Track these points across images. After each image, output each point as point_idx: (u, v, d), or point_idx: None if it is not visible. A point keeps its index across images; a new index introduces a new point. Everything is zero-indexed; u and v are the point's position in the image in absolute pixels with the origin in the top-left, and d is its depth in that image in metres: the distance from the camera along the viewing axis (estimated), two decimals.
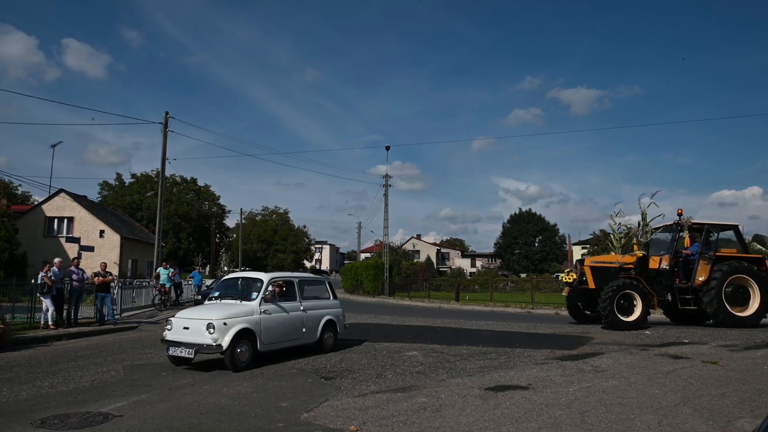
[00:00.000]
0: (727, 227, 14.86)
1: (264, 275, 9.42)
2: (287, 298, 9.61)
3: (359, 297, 35.19)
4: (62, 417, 5.62)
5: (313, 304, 10.04)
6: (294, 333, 9.39)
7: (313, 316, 9.84)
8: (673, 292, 13.76)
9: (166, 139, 25.91)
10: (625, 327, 12.70)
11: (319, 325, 9.95)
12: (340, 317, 10.66)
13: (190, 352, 8.11)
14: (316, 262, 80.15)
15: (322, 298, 10.62)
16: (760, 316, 13.31)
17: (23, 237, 31.06)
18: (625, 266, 13.69)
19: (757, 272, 13.38)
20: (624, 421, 5.24)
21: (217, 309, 8.56)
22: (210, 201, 57.97)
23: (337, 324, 10.50)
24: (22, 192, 53.02)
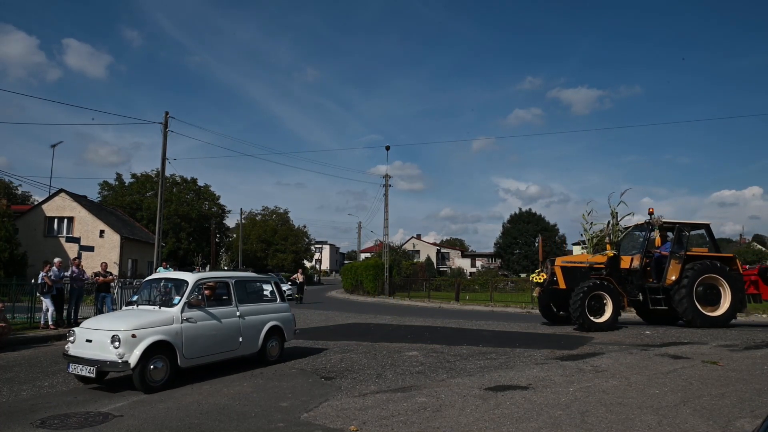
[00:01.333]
0: (699, 226, 14.82)
1: (190, 276, 8.15)
2: (221, 302, 8.34)
3: (359, 297, 35.19)
4: (62, 417, 5.63)
5: (254, 309, 8.78)
6: (227, 343, 8.08)
7: (253, 322, 8.58)
8: (645, 292, 13.65)
9: (166, 139, 25.90)
10: (596, 328, 12.55)
11: (261, 332, 8.69)
12: (288, 322, 9.43)
13: (91, 371, 6.77)
14: (316, 262, 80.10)
15: (266, 301, 9.40)
16: (731, 316, 13.24)
17: (23, 237, 31.05)
18: (596, 266, 13.58)
19: (728, 272, 13.30)
20: (624, 421, 5.24)
21: (127, 318, 7.27)
22: (210, 201, 57.92)
23: (284, 330, 9.25)
24: (22, 192, 53.02)
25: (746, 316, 18.04)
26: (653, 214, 13.90)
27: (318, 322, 16.77)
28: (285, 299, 9.75)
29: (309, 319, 17.77)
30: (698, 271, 13.11)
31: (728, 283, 13.16)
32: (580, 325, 12.73)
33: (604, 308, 12.88)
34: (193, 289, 7.79)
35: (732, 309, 13.18)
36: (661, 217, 13.85)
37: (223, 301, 8.41)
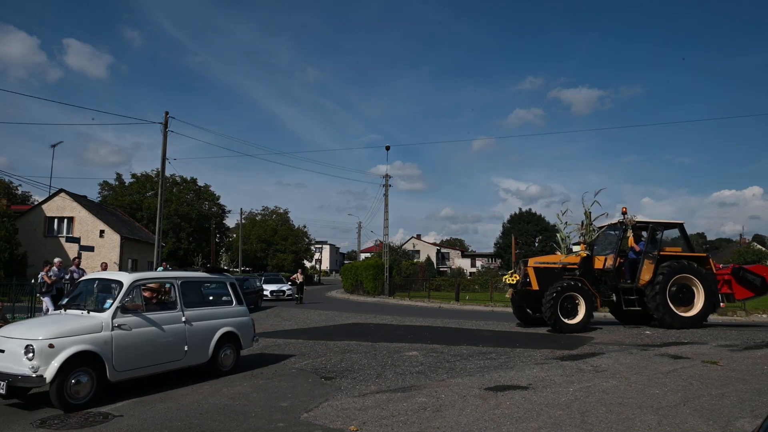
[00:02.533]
0: (672, 225, 14.70)
1: (125, 276, 7.12)
2: (164, 306, 7.53)
3: (359, 297, 35.18)
4: (62, 417, 5.63)
5: (204, 313, 7.88)
6: (169, 353, 7.18)
7: (202, 328, 7.65)
8: (618, 293, 13.45)
9: (166, 139, 25.91)
10: (569, 330, 12.36)
11: (212, 340, 7.78)
12: (245, 328, 8.48)
13: (1, 386, 5.84)
14: (316, 262, 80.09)
15: (220, 304, 8.53)
16: (705, 316, 13.11)
17: (23, 237, 31.04)
18: (569, 267, 13.40)
19: (702, 272, 13.16)
20: (624, 421, 5.24)
21: (48, 324, 6.40)
22: (210, 201, 57.93)
23: (241, 337, 8.31)
24: (22, 192, 53.01)
25: (746, 316, 18.06)
26: (626, 214, 13.74)
27: (318, 322, 16.77)
28: (243, 302, 8.73)
29: (309, 319, 17.77)
30: (672, 271, 12.94)
31: (702, 283, 13.01)
32: (553, 327, 12.54)
33: (577, 309, 12.69)
34: (128, 291, 6.86)
35: (705, 309, 13.04)
36: (635, 217, 13.67)
37: (166, 304, 7.58)
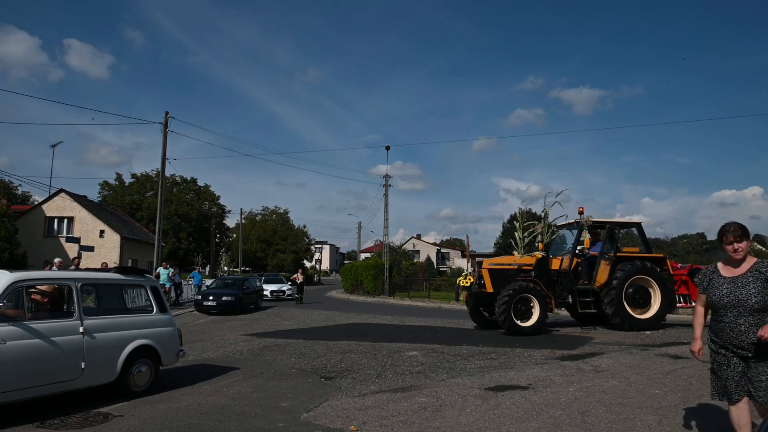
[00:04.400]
0: (630, 225, 14.52)
1: (3, 275, 5.76)
2: (56, 313, 6.28)
3: (359, 297, 35.18)
4: (62, 417, 5.62)
5: (112, 323, 6.57)
6: (60, 371, 5.83)
7: (107, 341, 6.36)
8: (574, 294, 13.12)
9: (166, 139, 25.90)
10: (523, 332, 12.08)
11: (121, 355, 6.48)
12: (166, 340, 7.16)
13: None
14: (316, 262, 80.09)
15: (136, 312, 7.27)
16: (661, 317, 12.92)
17: (23, 237, 31.03)
18: (524, 268, 13.03)
19: (658, 272, 12.96)
20: (624, 421, 5.24)
21: None
22: (210, 201, 57.95)
23: (160, 351, 6.99)
24: (22, 192, 53.00)
25: None
26: (582, 214, 13.42)
27: (318, 322, 16.77)
28: (166, 309, 7.46)
29: (309, 319, 17.78)
30: (628, 273, 12.71)
31: (658, 284, 12.80)
32: (506, 330, 12.25)
33: (531, 311, 12.37)
34: (5, 294, 5.58)
35: (662, 310, 12.84)
36: (591, 217, 13.35)
37: (59, 312, 6.33)
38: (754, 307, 3.55)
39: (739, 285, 3.64)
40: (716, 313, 3.73)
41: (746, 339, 3.57)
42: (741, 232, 3.66)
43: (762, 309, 3.56)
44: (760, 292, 3.56)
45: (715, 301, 3.72)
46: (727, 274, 3.75)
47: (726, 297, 3.65)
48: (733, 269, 3.74)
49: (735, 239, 3.66)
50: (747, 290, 3.59)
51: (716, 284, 3.76)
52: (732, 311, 3.62)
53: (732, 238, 3.67)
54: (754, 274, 3.63)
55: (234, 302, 19.90)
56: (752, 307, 3.56)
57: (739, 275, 3.68)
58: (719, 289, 3.71)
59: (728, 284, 3.69)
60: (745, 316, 3.58)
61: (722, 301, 3.67)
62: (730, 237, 3.67)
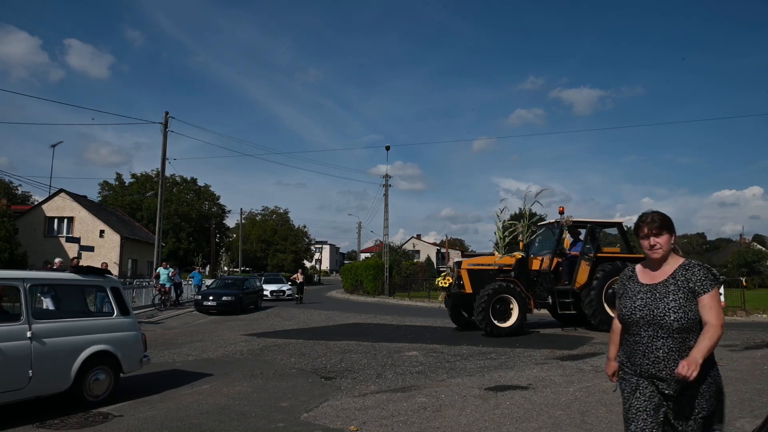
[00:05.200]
0: (610, 225, 14.42)
1: None
2: (1, 316, 5.82)
3: (359, 297, 35.17)
4: (62, 417, 5.63)
5: (65, 327, 6.08)
6: (2, 380, 5.34)
7: (59, 347, 5.87)
8: (554, 295, 13.01)
9: (166, 139, 25.92)
10: (502, 333, 11.95)
11: (75, 362, 5.97)
12: (129, 345, 6.69)
13: None
14: (316, 262, 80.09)
15: (95, 315, 6.82)
16: None
17: (23, 237, 31.05)
18: (504, 268, 12.89)
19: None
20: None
21: None
22: (210, 201, 57.95)
23: (121, 358, 6.49)
24: (22, 192, 53.03)
25: (746, 317, 18.05)
26: (563, 213, 13.32)
27: (318, 322, 16.77)
28: (129, 312, 6.93)
29: (309, 319, 17.78)
30: (608, 273, 12.57)
31: None
32: (485, 331, 12.09)
33: (510, 312, 12.25)
34: None
35: None
36: (571, 217, 13.27)
37: (4, 315, 5.89)
38: (673, 326, 2.57)
39: (657, 296, 2.67)
40: (628, 329, 2.78)
41: (665, 368, 2.60)
42: (660, 223, 2.71)
43: (685, 329, 2.58)
44: (682, 306, 2.58)
45: (625, 315, 2.75)
46: (645, 280, 2.79)
47: (639, 311, 2.69)
48: (653, 273, 2.78)
49: (651, 232, 2.70)
50: (664, 303, 2.62)
51: (630, 293, 2.80)
52: (647, 329, 2.67)
53: (647, 230, 2.71)
54: (677, 281, 2.65)
55: (234, 302, 19.90)
56: (670, 326, 2.58)
57: (658, 282, 2.72)
58: (631, 300, 2.75)
59: (644, 294, 2.73)
60: (663, 338, 2.62)
61: (633, 316, 2.71)
62: (645, 229, 2.72)
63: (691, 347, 2.53)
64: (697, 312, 2.58)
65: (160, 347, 10.89)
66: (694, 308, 2.59)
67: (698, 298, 2.60)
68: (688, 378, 2.37)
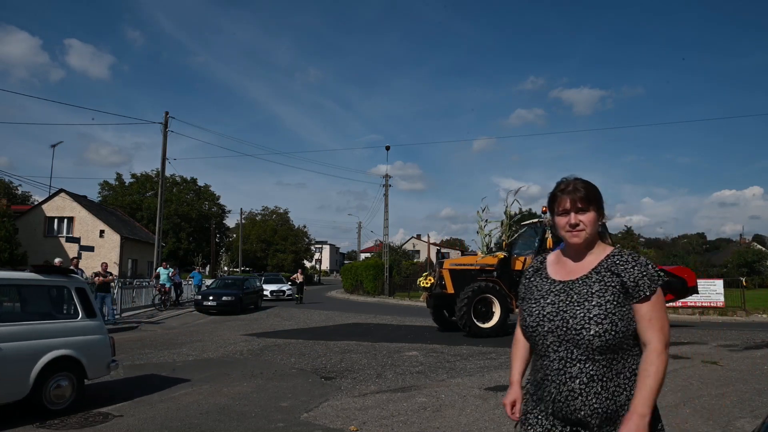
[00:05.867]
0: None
1: None
2: None
3: (359, 297, 35.17)
4: (62, 417, 5.62)
5: (23, 330, 5.69)
6: None
7: (13, 352, 5.50)
8: None
9: (166, 139, 25.91)
10: (484, 334, 11.87)
11: (34, 367, 5.62)
12: (94, 350, 6.32)
13: None
14: (316, 262, 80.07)
15: (58, 318, 6.27)
16: None
17: (23, 237, 31.05)
18: (486, 268, 12.79)
19: None
20: None
21: None
22: (210, 201, 57.93)
23: (85, 363, 6.11)
24: (22, 192, 53.00)
25: (746, 317, 18.06)
26: (546, 213, 13.34)
27: (318, 322, 16.77)
28: (96, 314, 6.59)
29: (309, 319, 17.78)
30: None
31: None
32: (466, 331, 12.00)
33: (492, 312, 12.17)
34: None
35: None
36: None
37: None
38: (594, 343, 1.75)
39: (573, 298, 1.85)
40: (535, 346, 1.94)
41: (584, 407, 1.78)
42: (585, 194, 1.88)
43: (611, 347, 1.76)
44: (609, 314, 1.77)
45: (529, 326, 1.92)
46: (558, 276, 1.97)
47: (548, 321, 1.85)
48: (570, 266, 1.96)
49: (573, 206, 1.88)
50: (584, 309, 1.80)
51: (536, 294, 1.97)
52: (558, 348, 1.82)
53: (568, 202, 1.88)
54: (603, 278, 1.85)
55: (234, 302, 19.90)
56: (589, 343, 1.75)
57: (576, 279, 1.90)
58: (538, 305, 1.92)
59: (555, 295, 1.90)
60: (580, 361, 1.78)
61: (539, 329, 1.87)
62: (563, 201, 1.90)
63: (620, 374, 1.78)
64: (631, 323, 1.79)
65: (160, 347, 10.89)
66: (627, 318, 1.78)
67: (633, 305, 1.80)
68: None
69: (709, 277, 24.99)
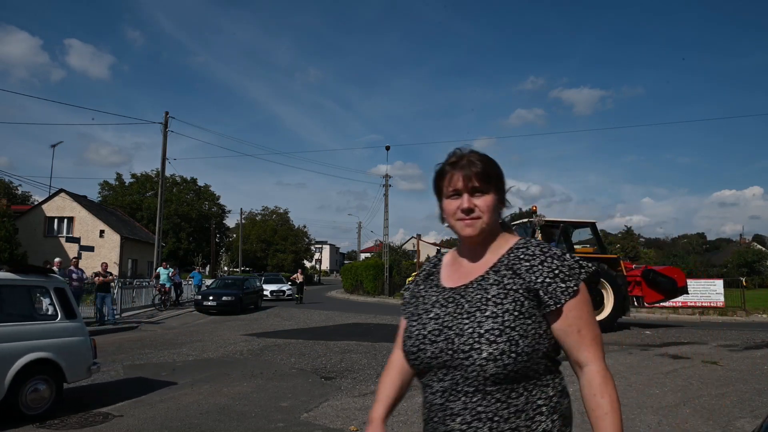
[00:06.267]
0: (584, 224, 14.36)
1: None
2: None
3: (359, 297, 35.16)
4: (62, 417, 5.62)
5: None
6: None
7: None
8: None
9: (166, 139, 25.91)
10: None
11: (9, 371, 5.40)
12: (74, 352, 6.11)
13: None
14: (316, 262, 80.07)
15: (34, 319, 6.07)
16: (614, 319, 12.70)
17: (23, 237, 31.05)
18: None
19: (611, 274, 12.73)
20: (624, 421, 5.22)
21: None
22: (210, 201, 57.91)
23: (64, 366, 5.89)
24: (22, 192, 52.99)
25: (746, 316, 18.06)
26: (536, 212, 13.10)
27: (318, 322, 16.77)
28: (76, 315, 6.34)
29: (309, 319, 17.77)
30: None
31: (611, 285, 12.56)
32: None
33: None
34: None
35: (614, 312, 12.60)
36: (543, 217, 13.11)
37: None
38: (488, 369, 1.29)
39: (464, 308, 1.38)
40: (418, 376, 1.51)
41: None
42: (483, 169, 1.41)
43: (510, 377, 1.30)
44: (507, 327, 1.30)
45: (409, 351, 1.46)
46: (449, 281, 1.50)
47: (429, 341, 1.40)
48: (467, 266, 1.48)
49: (467, 184, 1.41)
50: (473, 323, 1.33)
51: (421, 306, 1.50)
52: (444, 377, 1.38)
53: (461, 180, 1.42)
54: (502, 278, 1.39)
55: (234, 302, 19.90)
56: (481, 369, 1.29)
57: (470, 282, 1.43)
58: (419, 321, 1.46)
59: (441, 308, 1.44)
60: (466, 393, 1.33)
61: (421, 353, 1.41)
62: (456, 178, 1.42)
63: (521, 413, 1.30)
64: (540, 342, 1.31)
65: (160, 347, 10.89)
66: (533, 334, 1.30)
67: (549, 314, 1.32)
68: None
69: (709, 277, 25.03)
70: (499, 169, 1.46)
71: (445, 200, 1.45)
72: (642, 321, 15.88)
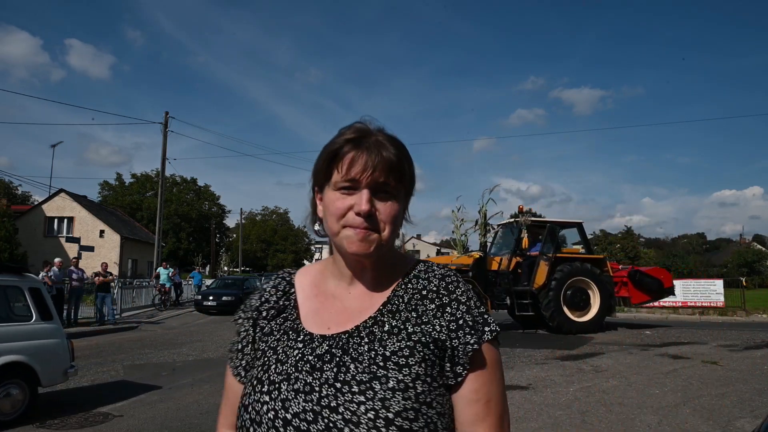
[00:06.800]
0: (571, 225, 14.31)
1: None
2: None
3: None
4: (62, 417, 5.62)
5: None
6: None
7: None
8: (513, 296, 12.65)
9: (166, 139, 25.92)
10: None
11: None
12: (48, 355, 5.80)
13: None
14: (316, 262, 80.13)
15: (6, 321, 5.64)
16: (600, 320, 12.62)
17: (23, 237, 31.03)
18: (462, 268, 12.42)
19: (598, 274, 12.66)
20: (624, 421, 5.24)
21: None
22: (210, 201, 57.93)
23: (39, 370, 5.60)
24: (22, 192, 52.99)
25: (746, 316, 18.06)
26: (522, 212, 13.06)
27: None
28: (53, 316, 6.06)
29: None
30: (566, 274, 12.36)
31: (597, 286, 12.50)
32: None
33: None
34: None
35: (600, 313, 12.55)
36: (530, 217, 13.02)
37: None
38: None
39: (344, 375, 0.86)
40: None
41: None
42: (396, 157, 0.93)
43: None
44: (423, 403, 0.83)
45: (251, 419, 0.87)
46: (317, 322, 0.96)
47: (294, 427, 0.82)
48: (347, 299, 0.98)
49: (372, 176, 0.90)
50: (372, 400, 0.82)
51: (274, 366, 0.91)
52: None
53: (363, 169, 0.90)
54: (406, 320, 0.92)
55: (234, 302, 19.88)
56: None
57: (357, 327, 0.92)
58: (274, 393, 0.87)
59: (312, 372, 0.88)
60: None
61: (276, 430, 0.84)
62: (357, 162, 0.90)
63: None
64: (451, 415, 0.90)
65: (160, 347, 10.89)
66: (449, 405, 0.90)
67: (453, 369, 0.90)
68: None
69: (709, 277, 25.02)
70: (413, 164, 0.99)
71: (330, 192, 0.94)
72: (629, 321, 15.88)
